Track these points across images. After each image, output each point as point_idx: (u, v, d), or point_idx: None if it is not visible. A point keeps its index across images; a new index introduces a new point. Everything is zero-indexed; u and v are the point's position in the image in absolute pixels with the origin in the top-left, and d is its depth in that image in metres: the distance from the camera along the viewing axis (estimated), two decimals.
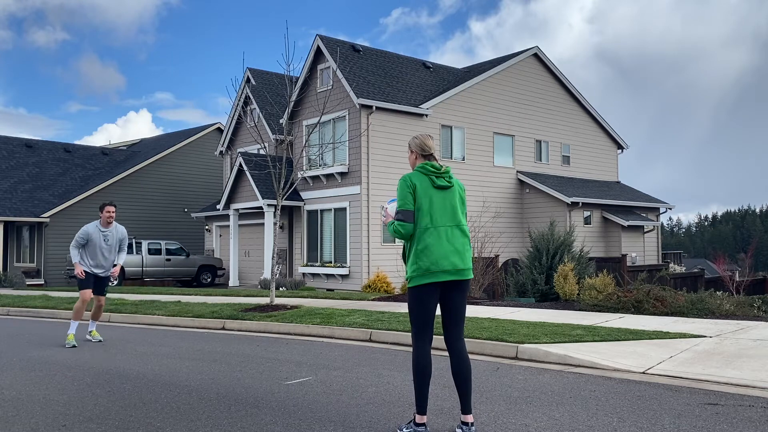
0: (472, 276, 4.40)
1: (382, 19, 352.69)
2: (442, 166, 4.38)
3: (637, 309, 10.42)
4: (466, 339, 7.70)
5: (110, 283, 9.30)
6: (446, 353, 4.45)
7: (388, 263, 20.44)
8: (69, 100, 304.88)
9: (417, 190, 4.26)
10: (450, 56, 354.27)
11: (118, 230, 9.03)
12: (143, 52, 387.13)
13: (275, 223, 13.57)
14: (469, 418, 4.18)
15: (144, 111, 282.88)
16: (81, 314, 8.96)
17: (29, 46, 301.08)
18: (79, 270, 8.78)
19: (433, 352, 7.49)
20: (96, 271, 8.93)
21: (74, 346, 8.53)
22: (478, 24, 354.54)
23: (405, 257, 4.40)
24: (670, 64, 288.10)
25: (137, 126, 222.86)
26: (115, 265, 9.11)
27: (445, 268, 4.19)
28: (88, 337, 9.14)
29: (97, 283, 9.02)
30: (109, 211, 8.84)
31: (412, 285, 4.26)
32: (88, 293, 8.86)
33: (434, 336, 4.49)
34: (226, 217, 25.96)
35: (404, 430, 4.24)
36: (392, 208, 4.44)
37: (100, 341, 9.04)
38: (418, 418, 4.21)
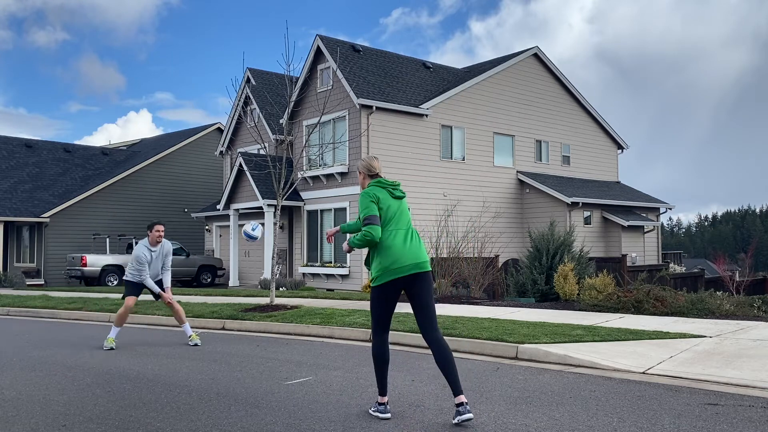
0: (430, 268, 4.84)
1: (382, 19, 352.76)
2: (394, 181, 5.01)
3: (637, 309, 10.42)
4: (466, 339, 7.75)
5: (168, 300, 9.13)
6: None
7: None
8: (69, 100, 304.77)
9: (380, 201, 4.83)
10: (450, 56, 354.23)
11: (164, 246, 9.04)
12: (143, 52, 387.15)
13: (275, 223, 13.57)
14: (462, 398, 4.50)
15: (144, 111, 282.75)
16: (123, 321, 8.79)
17: (29, 46, 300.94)
18: (148, 282, 8.80)
19: (425, 351, 7.50)
20: (143, 279, 8.85)
21: (112, 348, 8.36)
22: (478, 24, 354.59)
23: (368, 262, 4.92)
24: (670, 64, 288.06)
25: (137, 126, 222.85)
26: (166, 288, 9.03)
27: (406, 263, 4.69)
28: (189, 342, 8.80)
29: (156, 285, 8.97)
30: (158, 230, 8.84)
31: (377, 283, 4.76)
32: (133, 300, 8.80)
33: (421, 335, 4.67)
34: (226, 217, 25.96)
35: (372, 409, 4.82)
36: (258, 231, 4.95)
37: (196, 345, 8.63)
38: (381, 399, 4.77)
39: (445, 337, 7.97)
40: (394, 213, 4.83)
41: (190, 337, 8.85)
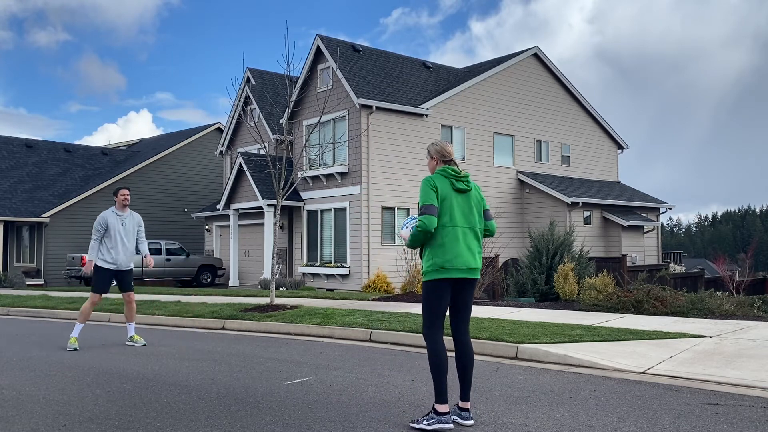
0: (479, 276, 4.63)
1: (383, 19, 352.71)
2: (461, 171, 4.62)
3: (637, 309, 10.42)
4: None
5: (147, 265, 8.96)
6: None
7: (388, 263, 20.45)
8: (69, 100, 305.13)
9: (439, 191, 4.48)
10: (450, 56, 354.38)
11: (134, 216, 8.84)
12: (144, 52, 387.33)
13: (275, 223, 13.57)
14: (467, 405, 4.51)
15: (144, 111, 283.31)
16: (87, 316, 8.62)
17: (30, 46, 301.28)
18: (89, 267, 8.44)
19: (425, 351, 7.49)
20: (117, 266, 8.55)
21: (75, 350, 8.21)
22: (478, 24, 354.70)
23: (422, 253, 4.61)
24: (670, 64, 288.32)
25: (137, 126, 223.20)
26: (145, 256, 8.89)
27: (458, 265, 4.44)
28: (128, 342, 8.69)
29: (121, 279, 8.66)
30: (124, 194, 8.65)
31: (428, 279, 4.49)
32: (100, 297, 8.58)
33: (422, 335, 4.59)
34: (226, 217, 25.96)
35: (423, 422, 4.32)
36: (406, 232, 4.62)
37: (144, 345, 8.52)
38: (442, 408, 4.35)
39: (445, 337, 7.97)
40: (450, 207, 4.46)
41: (131, 337, 8.72)
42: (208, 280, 26.26)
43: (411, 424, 4.41)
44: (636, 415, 4.67)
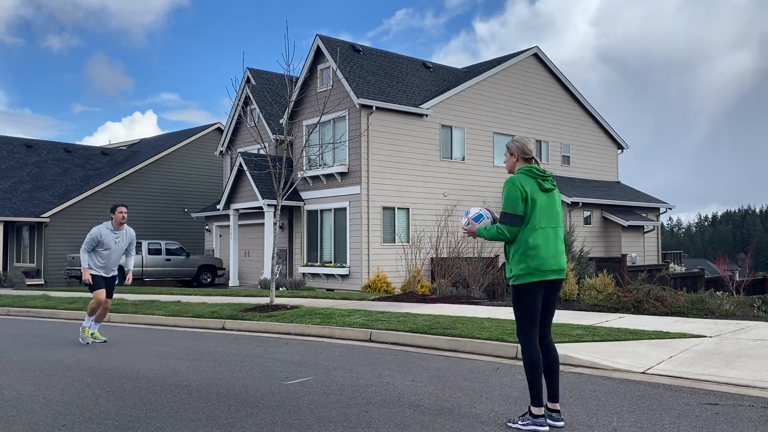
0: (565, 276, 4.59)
1: (386, 19, 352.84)
2: (546, 170, 4.56)
3: (637, 309, 10.42)
4: (466, 339, 7.74)
5: (126, 283, 9.43)
6: (437, 352, 4.50)
7: (388, 263, 20.45)
8: (76, 102, 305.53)
9: (528, 195, 4.40)
10: (454, 57, 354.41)
11: (129, 232, 9.05)
12: (150, 54, 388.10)
13: (275, 223, 13.57)
14: (557, 406, 4.46)
15: (150, 112, 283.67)
16: (96, 312, 8.95)
17: (38, 48, 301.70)
18: (87, 276, 8.74)
19: (425, 351, 7.50)
20: (103, 273, 8.88)
21: (88, 343, 8.71)
22: (482, 25, 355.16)
23: (507, 255, 4.53)
24: (672, 65, 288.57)
25: (143, 127, 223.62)
26: (128, 271, 9.22)
27: (552, 267, 4.41)
28: (90, 340, 8.96)
29: (106, 285, 8.98)
30: (121, 212, 8.81)
31: (520, 282, 4.42)
32: (103, 293, 8.82)
33: (422, 335, 4.57)
34: (226, 217, 25.95)
35: (519, 422, 4.35)
36: (486, 217, 4.61)
37: (105, 342, 8.99)
38: (537, 410, 4.35)
39: (445, 337, 7.97)
40: (541, 208, 4.40)
41: (92, 334, 8.97)
42: (208, 280, 26.25)
43: (509, 423, 4.43)
44: (636, 415, 4.67)
